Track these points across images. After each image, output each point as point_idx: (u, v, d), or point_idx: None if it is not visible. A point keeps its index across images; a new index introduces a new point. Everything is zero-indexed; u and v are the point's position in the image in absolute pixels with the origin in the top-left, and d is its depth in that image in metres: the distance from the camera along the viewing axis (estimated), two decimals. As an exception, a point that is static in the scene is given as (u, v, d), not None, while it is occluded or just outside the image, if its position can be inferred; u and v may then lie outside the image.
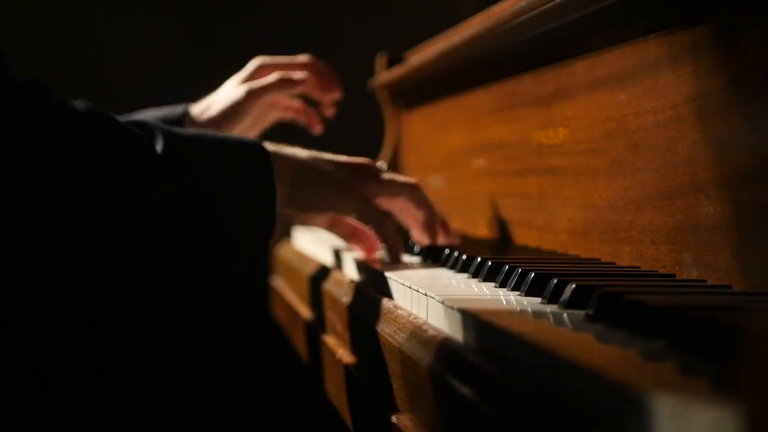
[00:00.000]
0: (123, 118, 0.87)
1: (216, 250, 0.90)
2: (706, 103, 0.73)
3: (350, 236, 1.07)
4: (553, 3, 0.92)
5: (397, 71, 1.53)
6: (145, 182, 0.84)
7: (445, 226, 1.05)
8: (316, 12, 2.45)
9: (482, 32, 1.11)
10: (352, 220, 1.06)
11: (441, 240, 1.04)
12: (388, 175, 1.02)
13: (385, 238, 1.00)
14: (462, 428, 0.56)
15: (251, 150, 0.92)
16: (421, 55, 1.44)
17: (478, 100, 1.26)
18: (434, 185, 1.45)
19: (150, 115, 1.09)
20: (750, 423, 0.34)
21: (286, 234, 1.59)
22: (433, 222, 1.02)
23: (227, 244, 0.90)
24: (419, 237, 1.04)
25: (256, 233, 0.91)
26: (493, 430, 0.50)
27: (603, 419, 0.41)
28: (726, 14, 0.70)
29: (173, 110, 1.13)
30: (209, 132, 0.93)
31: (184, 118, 1.12)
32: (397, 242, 1.00)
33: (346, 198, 0.98)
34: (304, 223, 1.04)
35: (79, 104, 0.84)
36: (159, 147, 0.85)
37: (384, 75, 1.61)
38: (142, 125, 0.87)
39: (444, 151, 1.43)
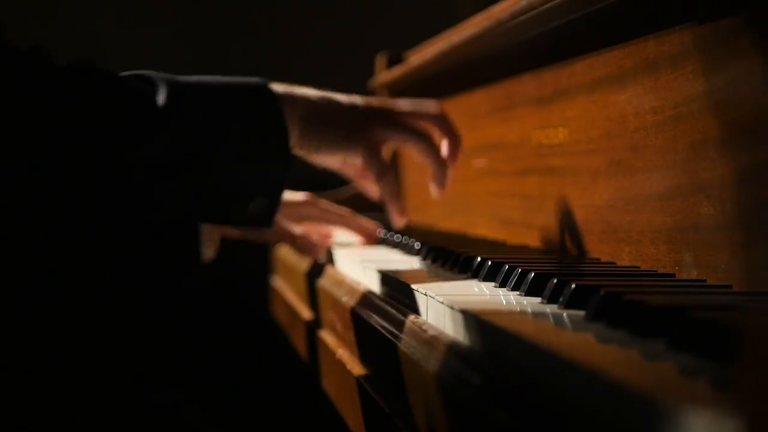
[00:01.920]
0: (125, 73, 0.86)
1: (230, 198, 0.88)
2: (706, 103, 0.73)
3: (359, 176, 1.09)
4: (553, 3, 0.92)
5: (397, 71, 1.53)
6: (149, 134, 0.82)
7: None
8: (316, 12, 2.45)
9: (482, 32, 1.11)
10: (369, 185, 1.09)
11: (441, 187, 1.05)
12: (407, 107, 1.03)
13: (383, 191, 1.01)
14: (462, 427, 0.56)
15: (257, 92, 0.90)
16: (421, 55, 1.44)
17: (478, 100, 1.26)
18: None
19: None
20: (750, 423, 0.34)
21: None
22: (443, 168, 1.04)
23: (242, 190, 0.88)
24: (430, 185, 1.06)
25: (271, 176, 0.89)
26: (493, 429, 0.50)
27: (603, 419, 0.41)
28: (726, 14, 0.70)
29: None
30: (214, 78, 0.91)
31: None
32: (396, 197, 1.01)
33: (353, 142, 0.97)
34: (316, 161, 1.03)
35: (75, 62, 0.82)
36: (161, 98, 0.83)
37: (384, 75, 1.61)
38: (143, 78, 0.85)
39: (444, 151, 1.43)
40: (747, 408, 0.34)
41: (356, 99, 1.00)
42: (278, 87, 0.93)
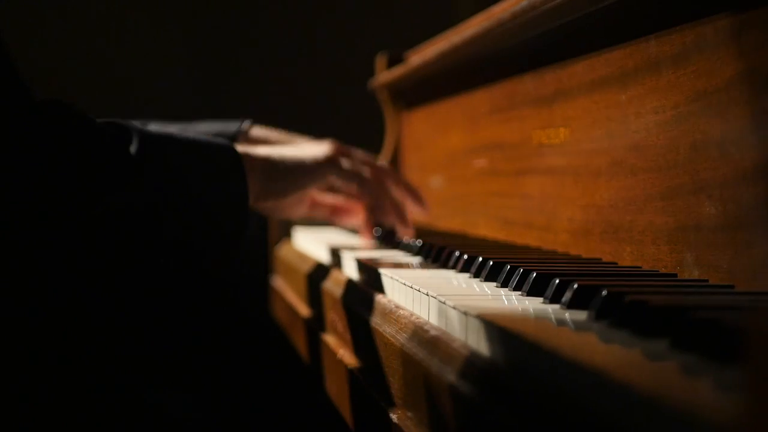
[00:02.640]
0: (101, 120, 0.87)
1: (190, 248, 0.91)
2: (707, 103, 0.73)
3: (332, 213, 1.12)
4: (553, 3, 0.92)
5: (397, 71, 1.53)
6: (119, 183, 0.84)
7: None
8: (316, 12, 2.45)
9: (482, 32, 1.11)
10: (328, 198, 1.11)
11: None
12: (360, 153, 1.08)
13: (371, 195, 1.03)
14: (462, 426, 0.56)
15: (222, 151, 0.94)
16: (421, 55, 1.44)
17: (479, 100, 1.26)
18: (434, 185, 1.45)
19: (202, 129, 1.11)
20: (753, 424, 0.34)
21: (286, 234, 1.59)
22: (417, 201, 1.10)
23: (202, 242, 0.91)
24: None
25: (230, 231, 0.92)
26: (493, 428, 0.50)
27: (605, 419, 0.41)
28: (726, 14, 0.70)
29: (227, 127, 1.15)
30: (181, 133, 0.94)
31: (238, 137, 1.14)
32: (390, 196, 1.03)
33: (318, 169, 1.02)
34: (286, 215, 1.07)
35: (54, 103, 0.83)
36: (133, 148, 0.85)
37: (384, 75, 1.61)
38: (116, 125, 0.86)
39: (444, 151, 1.43)
40: (750, 408, 0.34)
41: (306, 144, 1.06)
42: (240, 147, 0.96)
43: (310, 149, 1.04)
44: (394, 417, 0.70)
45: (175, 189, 0.88)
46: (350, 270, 1.05)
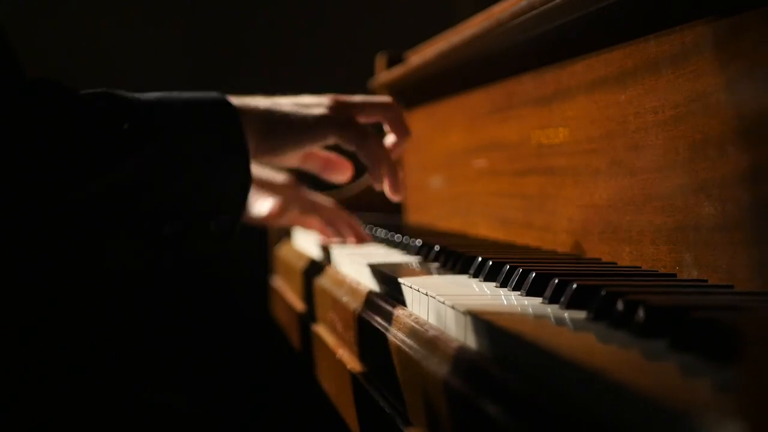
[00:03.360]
0: (91, 91, 0.86)
1: (195, 213, 0.89)
2: (706, 103, 0.73)
3: (324, 168, 1.08)
4: (553, 3, 0.92)
5: (397, 71, 1.53)
6: (114, 158, 0.83)
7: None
8: (316, 12, 2.45)
9: (482, 32, 1.11)
10: (322, 152, 1.07)
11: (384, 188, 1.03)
12: (360, 98, 1.02)
13: (371, 157, 0.99)
14: (461, 426, 0.56)
15: (217, 107, 0.92)
16: (421, 55, 1.44)
17: (478, 100, 1.26)
18: (434, 185, 1.45)
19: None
20: (752, 424, 0.34)
21: (286, 234, 1.59)
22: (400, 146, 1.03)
23: (206, 206, 0.89)
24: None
25: (233, 190, 0.91)
26: (493, 428, 0.50)
27: (604, 420, 0.41)
28: (726, 14, 0.70)
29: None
30: (174, 94, 0.92)
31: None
32: (388, 160, 0.99)
33: (319, 127, 0.97)
34: (277, 164, 1.04)
35: (43, 81, 0.82)
36: (125, 120, 0.84)
37: (384, 75, 1.61)
38: (108, 97, 0.85)
39: (444, 151, 1.43)
40: (749, 408, 0.34)
41: (306, 97, 1.02)
42: (234, 99, 0.94)
43: (311, 104, 1.00)
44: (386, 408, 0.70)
45: (173, 156, 0.87)
46: (350, 271, 1.05)
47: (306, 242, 1.43)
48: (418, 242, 1.07)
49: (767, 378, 0.34)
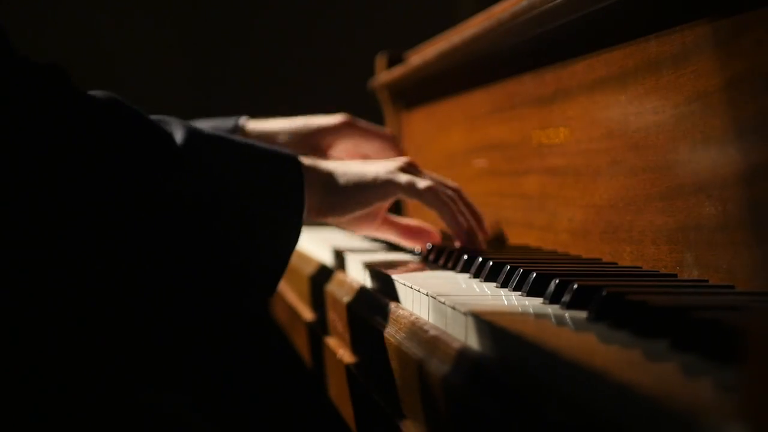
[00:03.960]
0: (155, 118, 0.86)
1: (232, 256, 0.87)
2: (707, 103, 0.73)
3: (404, 233, 1.05)
4: (553, 3, 0.92)
5: (397, 71, 1.53)
6: (163, 175, 0.82)
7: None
8: (316, 12, 2.45)
9: (482, 32, 1.11)
10: (402, 220, 1.05)
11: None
12: (427, 173, 1.00)
13: (449, 211, 0.96)
14: (462, 426, 0.56)
15: (284, 160, 0.91)
16: (421, 55, 1.44)
17: (479, 100, 1.26)
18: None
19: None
20: (754, 424, 0.34)
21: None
22: (480, 228, 0.99)
23: (248, 250, 0.88)
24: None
25: (279, 242, 0.89)
26: (493, 428, 0.50)
27: (605, 420, 0.41)
28: (726, 14, 0.70)
29: (224, 122, 1.11)
30: (237, 138, 0.92)
31: (236, 133, 1.10)
32: (472, 212, 0.97)
33: (381, 185, 0.95)
34: (353, 229, 1.02)
35: (99, 93, 0.83)
36: (179, 138, 0.84)
37: (384, 75, 1.61)
38: (163, 120, 0.86)
39: (444, 151, 1.43)
40: (750, 408, 0.34)
41: (375, 161, 1.00)
42: (307, 160, 0.93)
43: (377, 164, 0.98)
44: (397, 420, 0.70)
45: (223, 187, 0.86)
46: (352, 271, 1.05)
47: (306, 243, 1.43)
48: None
49: (767, 377, 0.34)
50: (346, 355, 0.92)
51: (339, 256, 1.13)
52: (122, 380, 0.92)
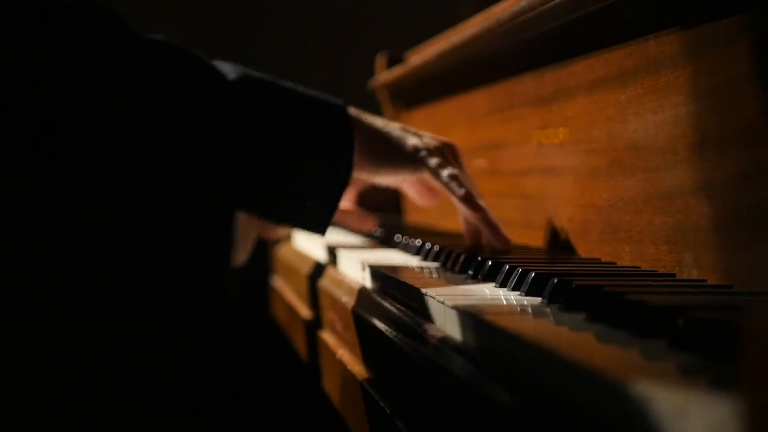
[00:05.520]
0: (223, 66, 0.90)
1: (287, 195, 0.90)
2: (706, 103, 0.73)
3: (421, 195, 1.06)
4: (553, 3, 0.92)
5: (397, 71, 1.53)
6: (218, 113, 0.85)
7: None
8: (316, 12, 2.45)
9: (482, 32, 1.11)
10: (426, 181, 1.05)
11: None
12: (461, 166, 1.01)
13: (462, 204, 0.97)
14: (462, 427, 0.56)
15: (334, 111, 0.93)
16: (421, 55, 1.44)
17: (478, 100, 1.26)
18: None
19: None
20: (751, 423, 0.34)
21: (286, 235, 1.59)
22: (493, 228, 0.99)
23: (299, 190, 0.90)
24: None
25: (330, 185, 0.92)
26: (492, 428, 0.50)
27: (604, 419, 0.41)
28: (726, 14, 0.70)
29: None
30: (288, 83, 0.94)
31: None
32: (485, 216, 0.98)
33: (419, 160, 0.97)
34: (376, 181, 1.03)
35: (156, 36, 0.87)
36: (232, 77, 0.87)
37: (384, 75, 1.61)
38: (217, 62, 0.89)
39: (444, 151, 1.43)
40: (748, 408, 0.34)
41: (423, 133, 1.02)
42: (353, 111, 0.95)
43: (416, 137, 0.99)
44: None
45: (277, 129, 0.88)
46: (351, 270, 1.05)
47: (306, 242, 1.43)
48: (418, 242, 1.07)
49: (766, 378, 0.34)
50: (345, 355, 0.92)
51: (334, 254, 1.13)
52: (123, 380, 0.92)
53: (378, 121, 0.98)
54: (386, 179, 1.01)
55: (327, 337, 1.03)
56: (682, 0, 0.76)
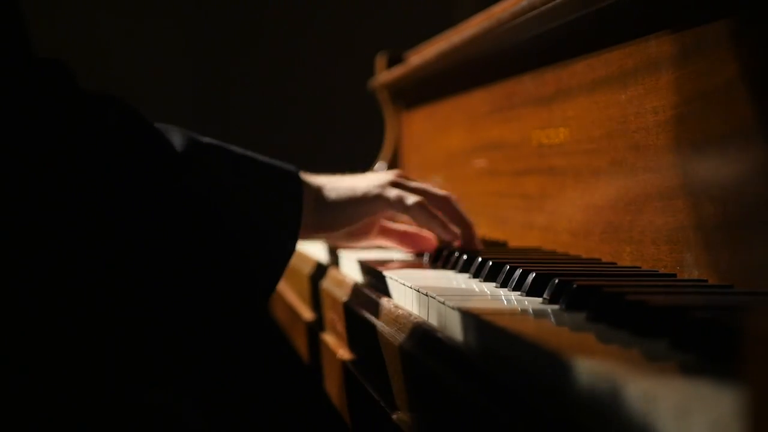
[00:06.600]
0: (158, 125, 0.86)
1: (228, 263, 0.87)
2: (706, 103, 0.73)
3: (402, 240, 1.05)
4: (553, 3, 0.92)
5: (397, 71, 1.53)
6: (162, 179, 0.82)
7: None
8: (316, 12, 2.45)
9: (482, 32, 1.11)
10: (398, 226, 1.04)
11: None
12: (416, 184, 1.00)
13: (438, 224, 0.97)
14: (461, 427, 0.56)
15: (283, 174, 0.91)
16: (421, 55, 1.45)
17: (478, 100, 1.26)
18: (434, 185, 1.45)
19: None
20: (752, 422, 0.34)
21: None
22: (471, 236, 0.99)
23: (241, 260, 0.88)
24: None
25: (274, 257, 0.89)
26: (492, 428, 0.50)
27: (605, 419, 0.41)
28: (726, 14, 0.70)
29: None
30: (236, 148, 0.91)
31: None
32: (461, 220, 0.97)
33: (369, 201, 0.96)
34: (347, 245, 1.02)
35: (101, 93, 0.83)
36: (179, 146, 0.84)
37: (384, 75, 1.61)
38: (164, 128, 0.85)
39: (444, 151, 1.43)
40: (749, 408, 0.34)
41: (368, 175, 1.00)
42: (303, 174, 0.93)
43: (366, 180, 0.98)
44: (394, 417, 0.70)
45: (221, 196, 0.85)
46: (350, 271, 1.05)
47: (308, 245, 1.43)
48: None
49: (767, 377, 0.34)
50: (345, 354, 0.92)
51: (334, 254, 1.13)
52: (123, 380, 0.92)
53: (322, 178, 0.97)
54: (352, 231, 0.99)
55: (328, 338, 1.03)
56: (682, 0, 0.76)
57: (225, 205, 0.86)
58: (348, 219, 0.97)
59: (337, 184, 0.97)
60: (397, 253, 1.12)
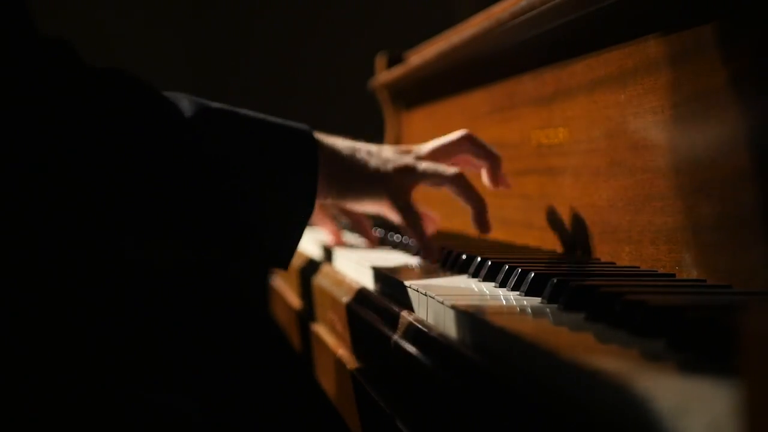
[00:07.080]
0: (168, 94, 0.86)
1: (247, 229, 0.87)
2: (706, 103, 0.73)
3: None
4: (553, 3, 0.92)
5: (397, 71, 1.53)
6: (171, 145, 0.82)
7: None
8: (316, 12, 2.45)
9: (482, 32, 1.11)
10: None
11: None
12: (426, 165, 0.99)
13: (417, 237, 0.96)
14: (461, 426, 0.56)
15: (299, 138, 0.90)
16: (421, 55, 1.45)
17: (478, 100, 1.26)
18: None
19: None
20: (750, 421, 0.34)
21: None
22: (483, 213, 0.99)
23: (260, 224, 0.87)
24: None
25: (293, 215, 0.88)
26: (492, 428, 0.50)
27: (604, 419, 0.41)
28: (726, 14, 0.70)
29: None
30: (247, 111, 0.90)
31: None
32: (431, 245, 0.97)
33: (376, 190, 0.95)
34: (351, 208, 1.01)
35: (107, 68, 0.83)
36: (188, 112, 0.83)
37: (384, 75, 1.61)
38: (173, 95, 0.85)
39: (444, 151, 1.43)
40: (746, 407, 0.34)
41: (385, 150, 0.99)
42: (319, 136, 0.92)
43: (381, 156, 0.97)
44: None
45: (234, 161, 0.85)
46: (350, 271, 1.05)
47: (305, 243, 1.43)
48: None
49: (765, 377, 0.34)
50: (345, 354, 0.92)
51: (332, 254, 1.13)
52: (124, 380, 0.92)
53: (343, 144, 0.96)
54: (356, 206, 0.99)
55: (327, 338, 1.03)
56: (682, 0, 0.76)
57: (238, 167, 0.86)
58: (355, 192, 0.96)
59: (353, 152, 0.95)
60: (397, 253, 1.12)
